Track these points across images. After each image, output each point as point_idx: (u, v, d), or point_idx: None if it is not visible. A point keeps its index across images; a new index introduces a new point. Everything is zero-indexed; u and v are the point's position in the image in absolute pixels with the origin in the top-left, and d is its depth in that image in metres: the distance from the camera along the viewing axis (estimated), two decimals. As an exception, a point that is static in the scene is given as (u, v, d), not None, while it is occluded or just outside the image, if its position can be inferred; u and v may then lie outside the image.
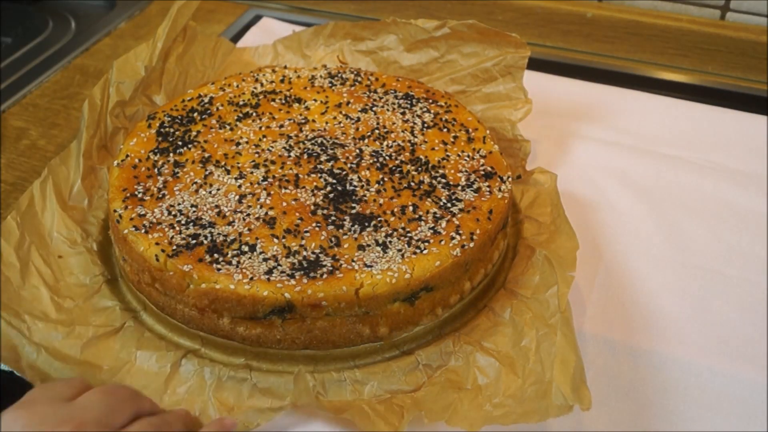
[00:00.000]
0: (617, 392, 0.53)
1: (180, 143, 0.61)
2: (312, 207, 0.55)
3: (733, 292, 0.60)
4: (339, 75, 0.70)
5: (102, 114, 0.65)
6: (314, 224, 0.54)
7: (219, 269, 0.51)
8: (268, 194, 0.56)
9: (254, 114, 0.65)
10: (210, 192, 0.57)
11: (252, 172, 0.58)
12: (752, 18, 0.86)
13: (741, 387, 0.53)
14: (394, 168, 0.59)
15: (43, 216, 0.59)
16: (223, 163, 0.59)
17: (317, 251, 0.52)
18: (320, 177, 0.58)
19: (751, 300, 0.60)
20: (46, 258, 0.57)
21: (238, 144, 0.61)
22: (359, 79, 0.69)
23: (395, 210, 0.55)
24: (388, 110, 0.65)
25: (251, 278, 0.50)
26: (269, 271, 0.50)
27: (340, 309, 0.50)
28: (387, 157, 0.60)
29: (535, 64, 0.77)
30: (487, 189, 0.57)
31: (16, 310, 0.54)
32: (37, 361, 0.51)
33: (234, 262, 0.51)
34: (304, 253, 0.52)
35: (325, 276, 0.50)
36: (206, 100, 0.66)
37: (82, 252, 0.59)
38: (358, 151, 0.60)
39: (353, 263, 0.51)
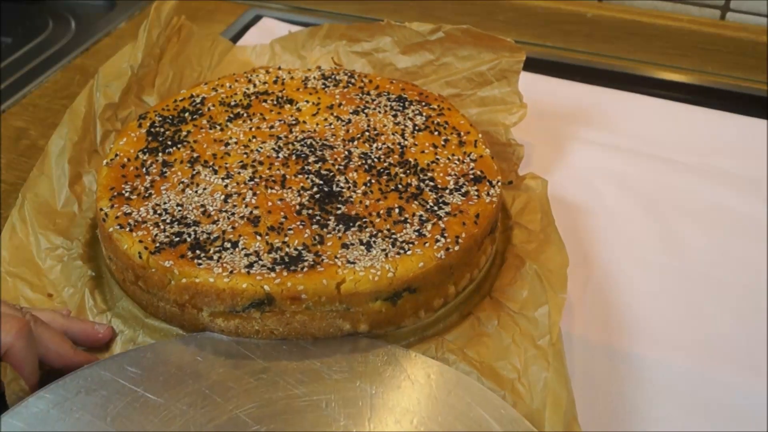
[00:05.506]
0: (608, 398, 0.52)
1: (170, 143, 0.61)
2: (297, 207, 0.55)
3: (730, 297, 0.60)
4: (332, 76, 0.70)
5: (90, 119, 0.66)
6: (299, 223, 0.54)
7: (200, 264, 0.51)
8: (254, 194, 0.56)
9: (245, 115, 0.65)
10: (196, 191, 0.57)
11: (239, 173, 0.58)
12: (752, 18, 0.85)
13: (738, 393, 0.53)
14: (381, 170, 0.59)
15: (29, 240, 0.59)
16: (211, 163, 0.59)
17: (300, 248, 0.52)
18: (307, 178, 0.58)
19: (749, 305, 0.59)
20: (36, 284, 0.57)
21: (227, 144, 0.61)
22: (353, 80, 0.69)
23: (381, 212, 0.55)
24: (379, 112, 0.65)
25: (231, 271, 0.50)
26: (250, 265, 0.50)
27: (320, 303, 0.50)
28: (375, 159, 0.60)
29: (536, 65, 0.77)
30: (476, 193, 0.57)
31: None
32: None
33: (215, 257, 0.51)
34: (287, 249, 0.52)
35: (305, 269, 0.50)
36: (198, 100, 0.67)
37: (68, 261, 0.59)
38: (346, 152, 0.60)
39: (336, 259, 0.51)
